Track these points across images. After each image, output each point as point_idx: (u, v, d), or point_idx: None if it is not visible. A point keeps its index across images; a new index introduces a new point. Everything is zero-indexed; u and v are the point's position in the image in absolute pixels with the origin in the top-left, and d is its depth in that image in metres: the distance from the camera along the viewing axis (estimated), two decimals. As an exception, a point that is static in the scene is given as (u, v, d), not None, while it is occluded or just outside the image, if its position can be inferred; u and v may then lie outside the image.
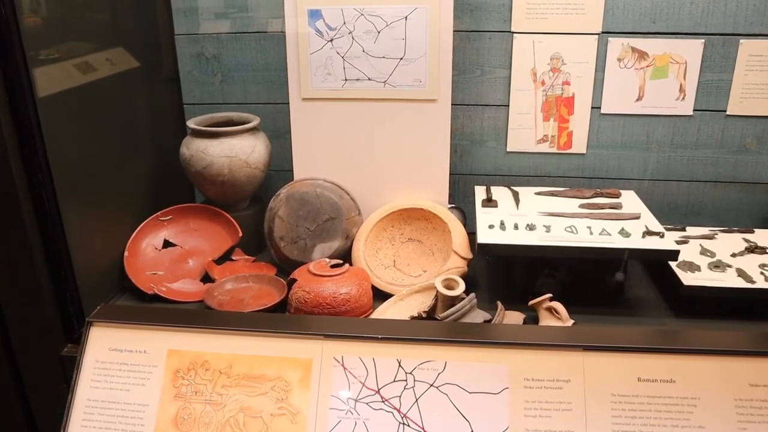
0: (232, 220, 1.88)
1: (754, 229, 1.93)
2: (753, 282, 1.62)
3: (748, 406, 1.22)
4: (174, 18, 2.03)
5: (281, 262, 1.84)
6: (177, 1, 2.01)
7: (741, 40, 1.88)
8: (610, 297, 1.71)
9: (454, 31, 1.80)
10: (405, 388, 1.26)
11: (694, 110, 1.96)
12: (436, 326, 1.42)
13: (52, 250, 1.52)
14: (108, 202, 1.75)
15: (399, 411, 1.25)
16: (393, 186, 1.87)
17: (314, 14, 1.75)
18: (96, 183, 1.68)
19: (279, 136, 2.03)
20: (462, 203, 2.01)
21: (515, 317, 1.53)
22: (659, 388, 1.24)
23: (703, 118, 1.97)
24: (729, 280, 1.64)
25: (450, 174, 1.94)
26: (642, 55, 1.91)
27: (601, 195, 1.88)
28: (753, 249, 1.79)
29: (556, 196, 1.89)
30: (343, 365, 1.29)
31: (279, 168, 2.04)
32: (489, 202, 1.83)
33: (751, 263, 1.72)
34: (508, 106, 1.99)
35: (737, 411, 1.22)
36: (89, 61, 1.68)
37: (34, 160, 1.45)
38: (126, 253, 1.75)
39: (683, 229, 1.93)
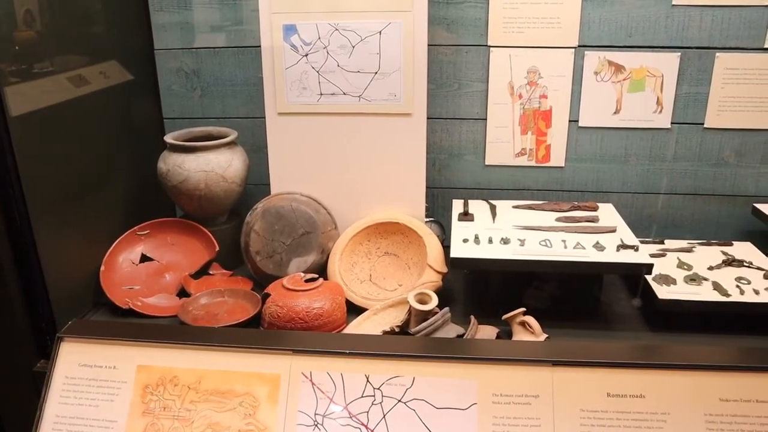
0: (209, 234, 1.87)
1: (733, 242, 1.93)
2: (728, 295, 1.62)
3: (717, 421, 1.22)
4: (153, 33, 2.03)
5: (258, 277, 1.84)
6: (156, 16, 2.02)
7: (717, 54, 1.89)
8: (587, 311, 1.70)
9: (430, 45, 1.81)
10: (373, 404, 1.26)
11: (671, 123, 1.96)
12: (405, 341, 1.41)
13: (23, 265, 1.52)
14: (85, 217, 1.74)
15: (366, 427, 1.24)
16: (370, 200, 1.87)
17: (289, 29, 1.76)
18: (72, 198, 1.68)
19: (258, 150, 2.03)
20: (441, 217, 2.01)
21: (488, 332, 1.52)
22: (629, 403, 1.23)
23: (681, 131, 1.97)
24: (704, 293, 1.64)
25: (429, 188, 1.95)
26: (619, 68, 1.92)
27: (579, 208, 1.88)
28: (730, 262, 1.79)
29: (533, 209, 1.89)
30: (311, 381, 1.29)
31: (258, 182, 2.03)
32: (465, 215, 1.82)
33: (727, 276, 1.71)
34: (485, 119, 2.00)
35: (707, 426, 1.22)
36: (69, 78, 1.69)
37: (5, 176, 1.45)
38: (102, 268, 1.75)
39: (661, 242, 1.93)
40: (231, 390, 1.30)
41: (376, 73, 1.76)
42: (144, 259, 1.85)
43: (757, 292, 1.63)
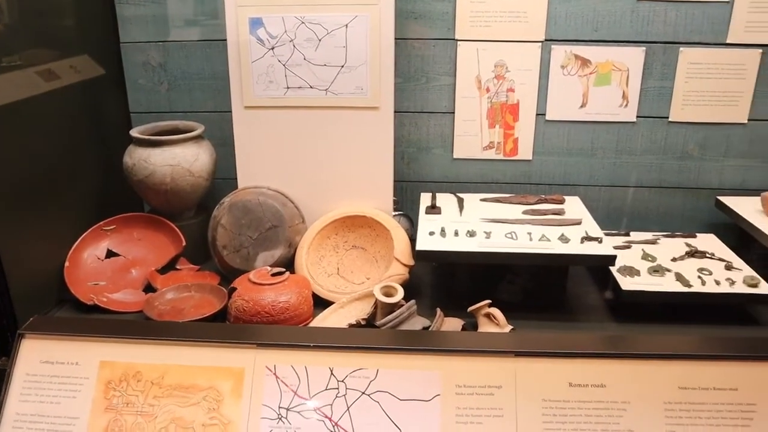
0: (176, 229, 1.86)
1: (697, 234, 1.96)
2: (690, 286, 1.65)
3: (676, 409, 1.24)
4: (119, 26, 2.01)
5: (225, 271, 1.83)
6: (122, 8, 1.99)
7: (681, 48, 1.91)
8: (555, 303, 1.72)
9: (397, 38, 1.82)
10: (337, 396, 1.26)
11: (637, 117, 1.99)
12: (369, 334, 1.42)
13: (-17, 262, 1.50)
14: (50, 213, 1.72)
15: (330, 419, 1.24)
16: (337, 193, 1.87)
17: (255, 23, 1.75)
18: (37, 193, 1.66)
19: (226, 144, 2.01)
20: (410, 210, 2.01)
21: (454, 324, 1.53)
22: (590, 392, 1.25)
23: (647, 124, 2.00)
24: (667, 284, 1.66)
25: (397, 181, 1.95)
26: (585, 62, 1.93)
27: (545, 201, 1.90)
28: (693, 253, 1.82)
29: (500, 202, 1.90)
30: (275, 374, 1.28)
31: (226, 176, 2.02)
32: (433, 209, 1.83)
33: (690, 267, 1.74)
34: (453, 113, 2.00)
35: (666, 414, 1.24)
36: (38, 72, 1.68)
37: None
38: (67, 264, 1.73)
39: (627, 234, 1.96)
40: (194, 384, 1.29)
41: (342, 66, 1.76)
42: (110, 254, 1.83)
43: (718, 283, 1.66)
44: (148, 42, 2.02)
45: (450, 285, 1.77)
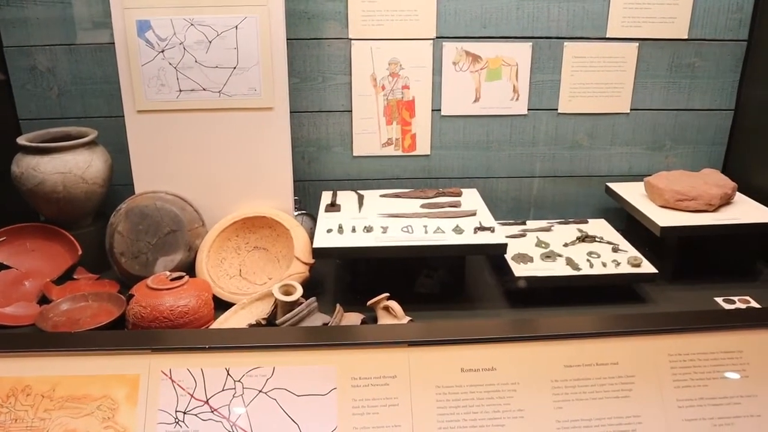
0: (72, 238, 1.81)
1: (588, 220, 2.06)
2: (579, 269, 1.73)
3: (563, 386, 1.30)
4: (1, 30, 1.94)
5: (125, 278, 1.79)
6: (4, 11, 1.92)
7: (565, 43, 2.00)
8: (452, 292, 1.77)
9: (290, 39, 1.83)
10: (234, 396, 1.26)
11: (528, 109, 2.07)
12: (264, 332, 1.43)
13: None
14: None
15: (228, 420, 1.25)
16: (237, 195, 1.86)
17: (143, 25, 1.72)
18: None
19: (123, 149, 1.96)
20: (313, 209, 2.02)
21: (353, 318, 1.56)
22: (481, 376, 1.29)
23: (538, 116, 2.08)
24: (558, 268, 1.74)
25: (299, 181, 1.96)
26: (475, 58, 2.00)
27: (443, 194, 1.95)
28: (584, 238, 1.91)
29: (400, 197, 1.95)
30: (171, 378, 1.27)
31: (126, 182, 1.97)
32: (332, 206, 1.85)
33: (580, 252, 1.83)
34: (351, 111, 2.03)
35: (553, 392, 1.30)
36: None
37: None
38: (-48, 280, 1.66)
39: (524, 223, 2.03)
40: (88, 395, 1.27)
41: (234, 68, 1.75)
42: (1, 267, 1.77)
43: (605, 265, 1.75)
44: (34, 46, 1.95)
45: (354, 281, 1.80)
